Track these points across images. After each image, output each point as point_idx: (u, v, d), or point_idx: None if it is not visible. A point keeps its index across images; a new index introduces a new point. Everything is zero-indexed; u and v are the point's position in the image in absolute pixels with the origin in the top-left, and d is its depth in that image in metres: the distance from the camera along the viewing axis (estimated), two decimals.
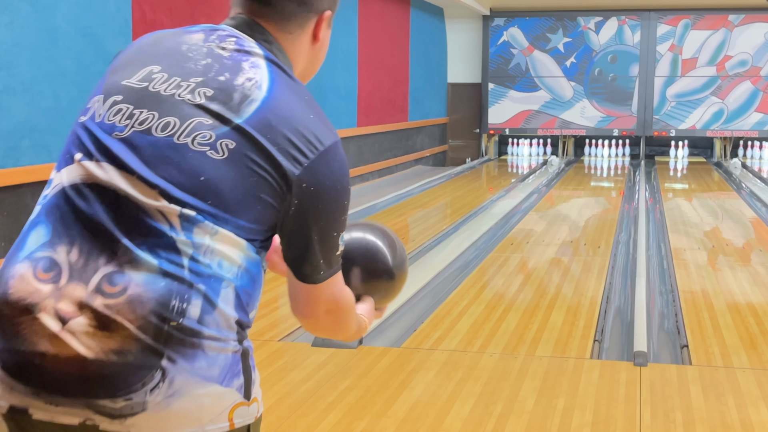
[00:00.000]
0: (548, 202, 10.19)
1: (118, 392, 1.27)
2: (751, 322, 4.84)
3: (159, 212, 1.32)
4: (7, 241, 5.39)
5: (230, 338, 1.35)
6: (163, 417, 1.29)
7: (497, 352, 4.25)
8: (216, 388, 1.32)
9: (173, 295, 1.29)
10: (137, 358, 1.27)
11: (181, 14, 7.13)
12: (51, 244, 1.37)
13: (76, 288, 1.29)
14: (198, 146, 1.34)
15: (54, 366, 1.28)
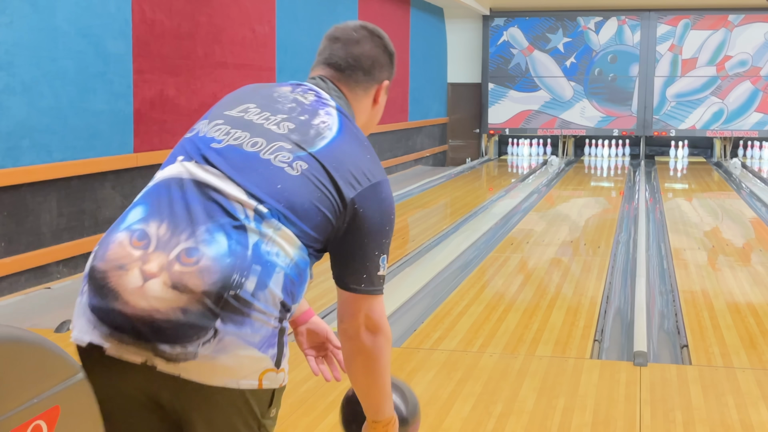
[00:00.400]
0: (548, 202, 10.19)
1: (177, 341, 1.57)
2: (751, 322, 4.84)
3: (239, 203, 1.65)
4: (7, 241, 5.39)
5: (273, 315, 1.65)
6: (208, 367, 1.59)
7: (497, 352, 4.25)
8: (255, 352, 1.62)
9: (236, 270, 1.59)
10: (197, 316, 1.58)
11: (181, 14, 7.13)
12: (145, 220, 1.66)
13: (159, 255, 1.61)
14: (278, 163, 1.70)
15: (131, 313, 1.58)
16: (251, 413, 1.69)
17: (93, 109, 6.11)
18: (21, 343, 1.70)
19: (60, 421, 1.75)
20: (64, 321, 4.68)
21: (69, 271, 5.94)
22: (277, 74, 8.96)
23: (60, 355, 1.78)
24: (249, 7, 8.32)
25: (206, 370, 1.60)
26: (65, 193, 5.88)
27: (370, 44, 1.95)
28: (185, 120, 7.27)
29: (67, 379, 1.76)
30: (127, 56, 6.45)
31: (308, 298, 5.47)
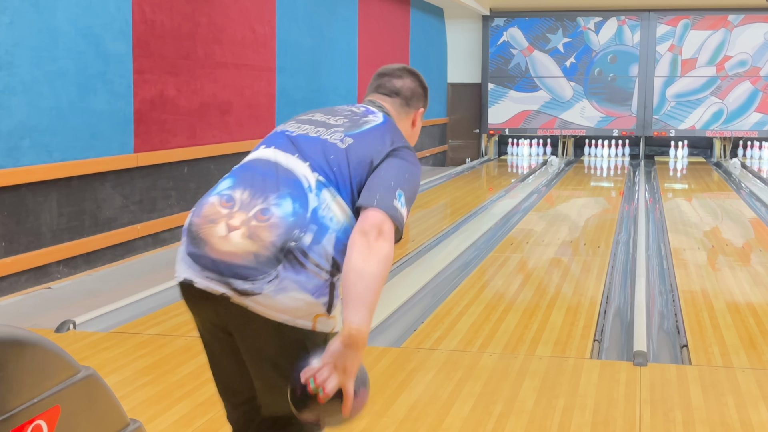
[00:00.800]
0: (548, 202, 10.20)
1: (247, 278, 2.00)
2: (751, 322, 4.85)
3: (304, 176, 2.12)
4: (8, 241, 5.39)
5: (326, 269, 2.04)
6: (270, 302, 2.00)
7: (497, 352, 4.26)
8: (309, 297, 2.02)
9: (297, 227, 2.03)
10: (265, 260, 2.01)
11: (181, 14, 7.13)
12: (232, 188, 2.15)
13: (241, 214, 2.07)
14: (332, 141, 2.19)
15: (216, 256, 2.03)
16: (305, 351, 2.03)
17: (93, 109, 6.11)
18: (21, 343, 1.71)
19: (60, 420, 1.75)
20: (64, 321, 4.69)
21: (69, 271, 5.94)
22: (277, 74, 8.97)
23: (60, 355, 1.78)
24: (249, 7, 8.32)
25: (268, 305, 2.01)
26: (65, 193, 5.88)
27: (409, 79, 2.46)
28: (185, 120, 7.27)
29: (67, 379, 1.77)
30: (128, 56, 6.45)
31: None
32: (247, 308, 2.02)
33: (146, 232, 6.76)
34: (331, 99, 10.59)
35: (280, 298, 2.00)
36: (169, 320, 4.86)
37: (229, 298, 2.03)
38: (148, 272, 6.20)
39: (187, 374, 3.93)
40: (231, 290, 2.02)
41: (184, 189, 7.31)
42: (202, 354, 4.32)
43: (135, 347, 4.35)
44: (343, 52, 10.91)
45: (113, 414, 1.94)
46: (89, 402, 1.86)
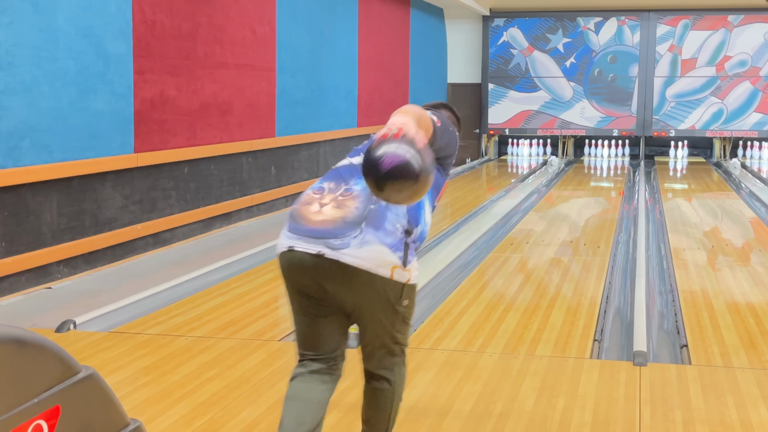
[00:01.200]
0: (548, 202, 10.20)
1: (338, 236, 2.51)
2: (751, 322, 4.85)
3: None
4: (8, 241, 5.39)
5: (400, 229, 2.56)
6: (356, 252, 2.49)
7: (497, 351, 4.26)
8: (386, 250, 2.53)
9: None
10: (351, 221, 2.53)
11: (181, 15, 7.13)
12: (321, 183, 2.69)
13: (329, 195, 2.62)
14: None
15: (312, 225, 2.55)
16: (385, 296, 2.56)
17: (93, 110, 6.11)
18: (21, 343, 1.71)
19: (60, 420, 1.76)
20: (64, 321, 4.69)
21: (69, 271, 5.94)
22: (277, 74, 8.97)
23: (60, 355, 1.79)
24: (249, 7, 8.32)
25: (354, 255, 2.49)
26: (66, 193, 5.88)
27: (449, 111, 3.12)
28: (185, 120, 7.27)
29: (67, 379, 1.77)
30: (128, 56, 6.45)
31: None
32: (338, 261, 2.50)
33: (146, 232, 6.76)
34: (331, 99, 10.60)
35: (363, 249, 2.50)
36: (169, 320, 4.86)
37: (323, 255, 2.50)
38: (148, 272, 6.20)
39: (187, 374, 3.93)
40: (326, 248, 2.50)
41: (184, 189, 7.32)
42: (202, 354, 4.32)
43: (135, 347, 4.35)
44: (343, 52, 10.92)
45: (113, 414, 1.94)
46: (89, 402, 1.86)
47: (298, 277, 2.59)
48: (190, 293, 5.49)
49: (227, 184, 8.04)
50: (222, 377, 3.88)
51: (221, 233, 7.79)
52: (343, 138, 11.03)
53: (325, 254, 2.50)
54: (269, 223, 8.41)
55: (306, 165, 9.89)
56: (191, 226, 7.44)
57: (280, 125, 9.12)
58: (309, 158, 9.98)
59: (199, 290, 5.57)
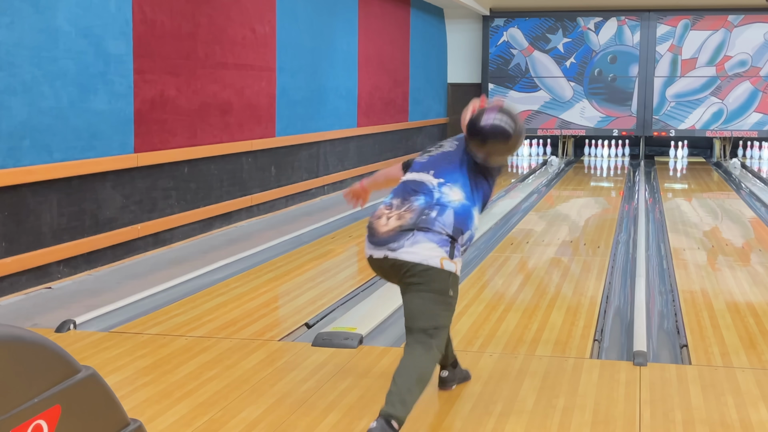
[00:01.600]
0: (548, 202, 10.20)
1: (395, 241, 3.22)
2: (751, 322, 4.85)
3: (430, 182, 3.35)
4: (8, 241, 5.39)
5: (447, 230, 3.23)
6: (408, 249, 3.20)
7: (497, 351, 4.26)
8: (434, 246, 3.21)
9: (426, 208, 3.26)
10: (406, 228, 3.23)
11: (181, 15, 7.13)
12: (391, 198, 3.38)
13: (395, 212, 3.30)
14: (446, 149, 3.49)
15: (380, 236, 3.27)
16: (436, 285, 3.22)
17: (93, 110, 6.12)
18: (22, 342, 1.71)
19: (60, 420, 1.76)
20: (64, 321, 4.69)
21: (69, 271, 5.95)
22: (277, 74, 8.97)
23: (60, 354, 1.79)
24: (249, 7, 8.32)
25: (408, 251, 3.20)
26: (66, 193, 5.89)
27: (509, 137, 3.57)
28: (186, 120, 7.28)
29: (67, 379, 1.77)
30: (128, 56, 6.45)
31: (309, 298, 5.48)
32: (397, 259, 3.21)
33: (146, 232, 6.76)
34: (331, 99, 10.60)
35: (415, 246, 3.19)
36: (169, 320, 4.86)
37: (387, 257, 3.24)
38: (148, 272, 6.21)
39: (187, 374, 3.93)
40: (388, 251, 3.24)
41: (184, 189, 7.32)
42: (202, 354, 4.34)
43: (135, 347, 4.35)
44: (343, 52, 10.92)
45: (113, 414, 1.94)
46: (89, 402, 1.86)
47: (379, 273, 3.39)
48: (190, 293, 5.49)
49: (227, 184, 8.04)
50: (222, 377, 3.88)
51: (221, 233, 7.80)
52: (343, 138, 11.03)
53: (388, 256, 3.24)
54: (269, 223, 8.42)
55: (306, 165, 9.89)
56: (191, 226, 7.44)
57: (280, 125, 9.12)
58: (309, 158, 9.98)
59: (199, 290, 5.57)
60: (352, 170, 11.33)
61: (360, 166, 11.59)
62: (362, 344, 4.34)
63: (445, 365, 3.65)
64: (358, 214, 8.93)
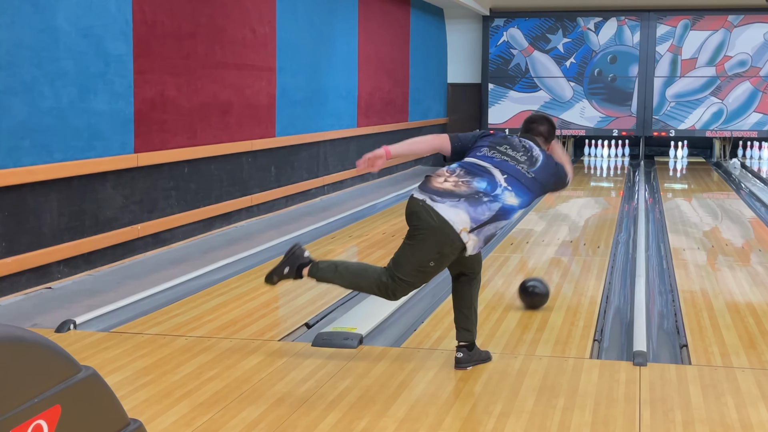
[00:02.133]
0: (548, 202, 10.20)
1: (442, 197, 3.68)
2: (751, 322, 4.85)
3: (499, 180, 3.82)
4: (8, 241, 5.40)
5: (485, 216, 3.67)
6: (445, 208, 3.65)
7: (497, 352, 4.26)
8: (467, 217, 3.64)
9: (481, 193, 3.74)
10: (455, 195, 3.69)
11: (181, 15, 7.13)
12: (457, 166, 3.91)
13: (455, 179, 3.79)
14: (523, 171, 3.87)
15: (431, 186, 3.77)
16: (452, 243, 3.66)
17: (94, 110, 6.12)
18: (22, 342, 1.71)
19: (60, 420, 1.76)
20: (64, 321, 4.69)
21: (70, 271, 5.95)
22: (277, 74, 8.97)
23: (61, 354, 1.79)
24: (249, 7, 8.32)
25: (444, 208, 3.64)
26: (66, 193, 5.89)
27: (547, 125, 4.15)
28: (186, 120, 7.28)
29: (67, 379, 1.78)
30: (128, 56, 6.46)
31: (309, 298, 5.48)
32: (431, 208, 3.65)
33: (146, 232, 6.76)
34: (331, 99, 10.60)
35: (452, 209, 3.64)
36: (169, 320, 4.86)
37: (425, 202, 3.68)
38: (148, 272, 6.21)
39: (187, 374, 3.93)
40: (429, 198, 3.68)
41: (184, 189, 7.32)
42: (202, 354, 4.34)
43: (135, 347, 4.35)
44: (343, 52, 10.92)
45: (113, 414, 1.94)
46: (89, 402, 1.86)
47: (407, 213, 3.75)
48: (190, 293, 5.49)
49: (227, 184, 8.04)
50: (222, 377, 3.89)
51: (221, 233, 7.80)
52: (343, 138, 11.03)
53: (426, 201, 3.68)
54: (269, 223, 8.42)
55: (306, 165, 9.89)
56: (191, 226, 7.44)
57: (280, 125, 9.12)
58: (309, 158, 9.98)
59: (199, 290, 5.57)
60: (352, 170, 11.33)
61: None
62: (362, 344, 4.34)
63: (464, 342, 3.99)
64: (358, 214, 8.92)
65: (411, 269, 3.72)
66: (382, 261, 6.53)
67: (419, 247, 3.69)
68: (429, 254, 3.68)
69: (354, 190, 11.11)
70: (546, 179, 3.93)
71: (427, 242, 3.67)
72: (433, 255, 3.68)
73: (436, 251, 3.67)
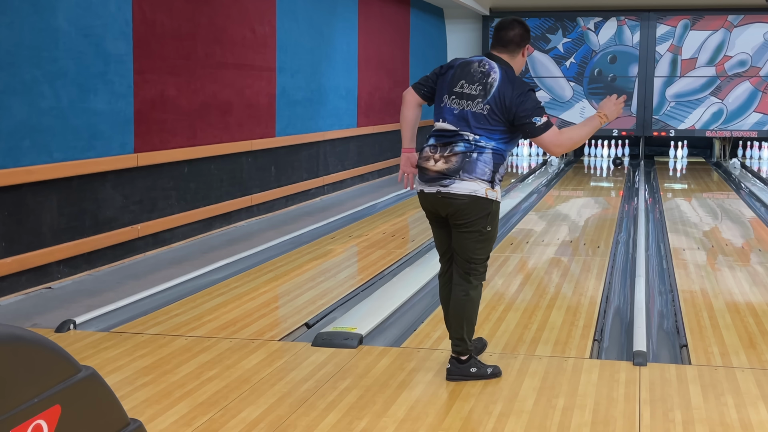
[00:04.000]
0: (548, 202, 10.20)
1: (447, 179, 3.72)
2: (750, 322, 4.85)
3: (467, 132, 3.76)
4: (8, 241, 5.40)
5: (489, 168, 3.74)
6: (459, 186, 3.70)
7: (497, 351, 4.26)
8: (479, 180, 3.71)
9: (467, 151, 3.74)
10: (453, 169, 3.72)
11: (181, 15, 7.13)
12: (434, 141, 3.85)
13: (439, 154, 3.78)
14: (477, 111, 3.76)
15: (431, 173, 3.76)
16: (477, 211, 3.72)
17: (93, 110, 6.12)
18: (22, 342, 1.71)
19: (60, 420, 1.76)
20: (64, 321, 4.69)
21: (69, 271, 5.95)
22: (277, 74, 8.97)
23: (60, 354, 1.79)
24: (249, 7, 8.32)
25: (458, 188, 3.69)
26: (66, 193, 5.89)
27: (518, 29, 3.98)
28: (186, 120, 7.28)
29: (67, 379, 1.78)
30: (128, 56, 6.46)
31: (309, 298, 5.49)
32: (449, 193, 3.70)
33: (146, 232, 6.76)
34: (331, 99, 10.60)
35: (463, 183, 3.69)
36: (169, 320, 4.86)
37: (440, 192, 3.73)
38: (148, 272, 6.21)
39: (187, 374, 3.93)
40: (440, 187, 3.72)
41: (184, 189, 7.32)
42: (202, 354, 4.35)
43: (135, 347, 4.36)
44: (343, 52, 10.92)
45: (113, 414, 1.94)
46: (89, 402, 1.86)
47: (427, 206, 3.83)
48: (190, 293, 5.49)
49: (227, 184, 8.04)
50: (222, 377, 3.89)
51: (221, 233, 7.80)
52: (343, 138, 11.03)
53: (441, 191, 3.72)
54: (269, 223, 8.42)
55: (306, 165, 9.89)
56: (191, 226, 7.44)
57: (280, 125, 9.12)
58: (309, 158, 9.98)
59: (199, 290, 5.57)
60: (352, 170, 11.33)
61: (360, 166, 11.59)
62: (362, 344, 4.34)
63: (461, 353, 3.84)
64: (358, 214, 8.92)
65: (484, 249, 3.79)
66: (381, 261, 6.55)
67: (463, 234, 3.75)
68: (481, 224, 3.72)
69: (354, 190, 11.11)
70: (500, 107, 3.73)
71: (475, 221, 3.71)
72: (485, 223, 3.73)
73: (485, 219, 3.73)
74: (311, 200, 10.00)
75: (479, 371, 3.83)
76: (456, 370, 3.82)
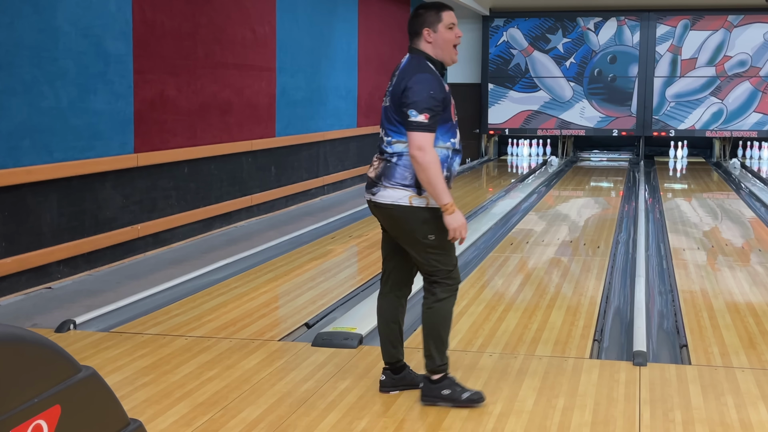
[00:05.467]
0: (548, 202, 10.20)
1: (375, 186, 3.50)
2: (750, 322, 4.85)
3: (384, 135, 3.53)
4: (8, 241, 5.40)
5: (408, 174, 3.44)
6: (383, 194, 3.47)
7: (497, 351, 4.26)
8: (400, 187, 3.45)
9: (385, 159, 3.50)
10: (376, 177, 3.51)
11: (181, 15, 7.13)
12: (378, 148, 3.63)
13: (375, 161, 3.57)
14: (387, 104, 3.55)
15: (368, 180, 3.58)
16: (408, 222, 3.47)
17: (93, 110, 6.12)
18: (22, 343, 1.72)
19: (60, 420, 1.76)
20: (64, 321, 4.69)
21: (69, 271, 5.95)
22: (277, 74, 8.97)
23: (60, 354, 1.79)
24: (249, 7, 8.32)
25: (382, 196, 3.48)
26: (66, 193, 5.89)
27: (413, 17, 3.71)
28: (185, 120, 7.28)
29: (67, 379, 1.78)
30: (128, 56, 6.45)
31: (309, 298, 5.47)
32: (376, 202, 3.51)
33: (146, 232, 6.76)
34: (331, 99, 10.60)
35: (386, 191, 3.46)
36: (169, 320, 4.86)
37: (371, 200, 3.54)
38: (148, 272, 6.21)
39: (187, 374, 3.93)
40: (370, 195, 3.54)
41: (184, 189, 7.32)
42: (202, 354, 4.35)
43: (135, 347, 4.35)
44: (343, 52, 10.92)
45: (113, 414, 1.94)
46: (89, 402, 1.86)
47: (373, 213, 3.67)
48: (190, 293, 5.49)
49: (227, 184, 8.04)
50: (222, 377, 3.89)
51: (221, 233, 7.80)
52: (343, 138, 11.03)
53: (371, 199, 3.55)
54: (269, 223, 8.41)
55: (306, 165, 9.89)
56: (191, 226, 7.44)
57: (280, 125, 9.12)
58: (309, 158, 9.98)
59: (199, 290, 5.57)
60: (352, 170, 11.33)
61: (360, 166, 11.58)
62: (362, 344, 4.34)
63: (391, 363, 3.71)
64: (357, 214, 8.92)
65: (439, 260, 3.51)
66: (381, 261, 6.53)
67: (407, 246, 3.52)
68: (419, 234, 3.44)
69: (354, 190, 11.11)
70: (396, 97, 3.46)
71: (410, 231, 3.46)
72: (424, 232, 3.44)
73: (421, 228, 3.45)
74: (311, 200, 10.00)
75: (452, 395, 3.51)
76: (427, 391, 3.56)
